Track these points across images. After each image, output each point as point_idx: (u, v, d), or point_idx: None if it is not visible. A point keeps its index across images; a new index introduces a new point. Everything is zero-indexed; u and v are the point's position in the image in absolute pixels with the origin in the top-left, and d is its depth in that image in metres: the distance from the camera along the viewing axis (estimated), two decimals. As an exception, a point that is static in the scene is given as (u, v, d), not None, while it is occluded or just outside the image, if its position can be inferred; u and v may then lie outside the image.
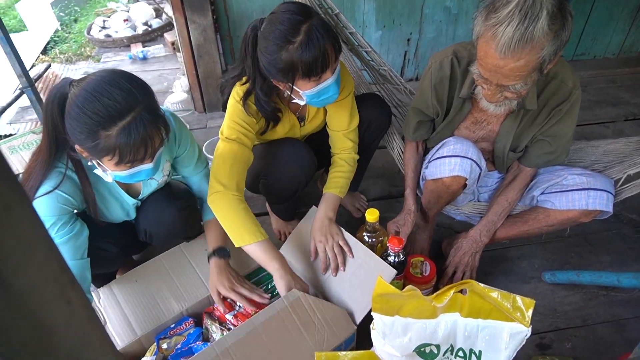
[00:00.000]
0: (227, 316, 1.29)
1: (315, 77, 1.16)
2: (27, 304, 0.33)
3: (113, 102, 0.95)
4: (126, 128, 0.96)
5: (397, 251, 1.32)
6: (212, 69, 2.41)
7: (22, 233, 0.33)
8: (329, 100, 1.27)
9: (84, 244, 1.16)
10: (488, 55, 1.06)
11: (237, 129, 1.28)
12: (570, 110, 1.28)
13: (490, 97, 1.17)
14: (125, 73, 1.02)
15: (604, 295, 1.52)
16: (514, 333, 0.90)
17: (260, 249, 1.24)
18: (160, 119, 1.05)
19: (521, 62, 1.03)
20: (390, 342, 0.96)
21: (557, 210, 1.32)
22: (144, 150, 1.02)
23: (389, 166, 2.07)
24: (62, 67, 3.33)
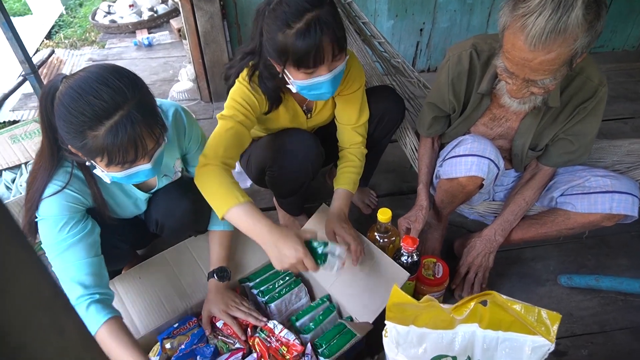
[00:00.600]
0: (217, 324, 1.26)
1: (305, 69, 1.10)
2: (9, 340, 0.28)
3: (99, 101, 0.88)
4: (113, 128, 0.90)
5: (410, 251, 1.28)
6: (219, 58, 2.34)
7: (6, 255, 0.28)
8: (321, 97, 1.19)
9: (97, 241, 1.12)
10: (516, 48, 0.99)
11: (236, 107, 1.22)
12: (596, 109, 1.21)
13: (515, 93, 1.10)
14: (116, 68, 0.95)
15: (622, 301, 1.47)
16: (536, 347, 0.85)
17: (240, 214, 1.04)
18: (154, 117, 0.97)
19: (552, 55, 0.96)
20: (404, 352, 0.92)
21: (578, 213, 1.26)
22: (134, 151, 0.94)
23: (400, 161, 2.01)
24: (67, 53, 3.27)
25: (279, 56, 1.09)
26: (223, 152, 1.14)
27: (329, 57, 1.08)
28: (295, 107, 1.37)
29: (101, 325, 1.01)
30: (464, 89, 1.30)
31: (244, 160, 1.53)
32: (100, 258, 1.11)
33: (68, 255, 1.05)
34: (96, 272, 1.08)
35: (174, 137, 1.20)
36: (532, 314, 0.82)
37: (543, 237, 1.38)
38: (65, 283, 1.05)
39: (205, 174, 1.11)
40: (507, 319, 0.86)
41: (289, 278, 1.37)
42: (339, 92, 1.36)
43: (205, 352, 1.21)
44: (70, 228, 1.05)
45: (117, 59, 3.00)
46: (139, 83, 0.96)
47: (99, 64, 0.95)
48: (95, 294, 1.05)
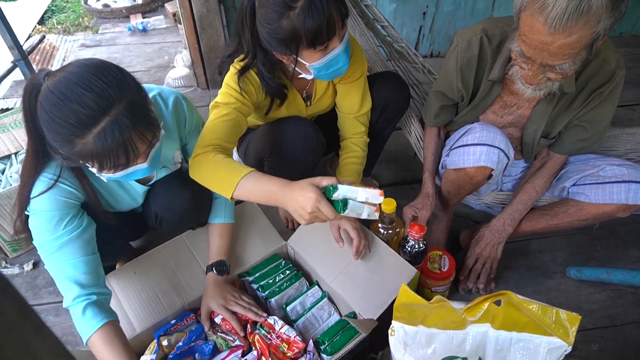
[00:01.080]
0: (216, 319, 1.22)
1: (321, 46, 1.04)
2: None
3: (83, 109, 0.81)
4: (101, 134, 0.83)
5: (417, 239, 1.23)
6: (215, 43, 2.27)
7: None
8: (339, 71, 1.15)
9: (93, 237, 1.07)
10: (534, 30, 0.93)
11: (230, 92, 1.16)
12: (612, 93, 1.15)
13: (531, 79, 1.04)
14: (100, 68, 0.86)
15: (632, 294, 1.42)
16: (552, 348, 0.81)
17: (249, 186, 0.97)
18: (146, 118, 0.90)
19: (573, 38, 0.90)
20: (412, 353, 0.87)
21: (591, 203, 1.21)
22: (125, 156, 0.88)
23: (403, 149, 1.96)
24: (60, 38, 3.18)
25: (289, 44, 1.03)
26: (215, 138, 1.07)
27: (339, 24, 1.04)
28: (296, 97, 1.31)
29: (95, 331, 0.97)
30: (473, 76, 1.24)
31: (241, 149, 1.48)
32: (96, 255, 1.06)
33: (64, 254, 1.00)
34: (93, 270, 1.03)
35: (174, 127, 1.14)
36: (549, 315, 0.78)
37: (554, 228, 1.33)
38: (60, 282, 1.01)
39: (198, 162, 1.05)
40: (522, 320, 0.82)
41: (289, 272, 1.33)
42: (340, 79, 1.30)
43: (204, 350, 1.17)
44: (66, 224, 1.00)
45: (110, 44, 2.92)
46: (126, 82, 0.87)
47: (82, 61, 0.87)
48: (93, 295, 1.01)
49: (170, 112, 1.11)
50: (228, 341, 1.18)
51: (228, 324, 1.19)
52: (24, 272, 1.51)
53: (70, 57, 2.84)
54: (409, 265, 1.17)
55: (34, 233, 1.00)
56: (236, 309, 1.19)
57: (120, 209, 1.23)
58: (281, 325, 1.16)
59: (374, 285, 1.21)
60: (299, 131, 1.30)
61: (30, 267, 1.52)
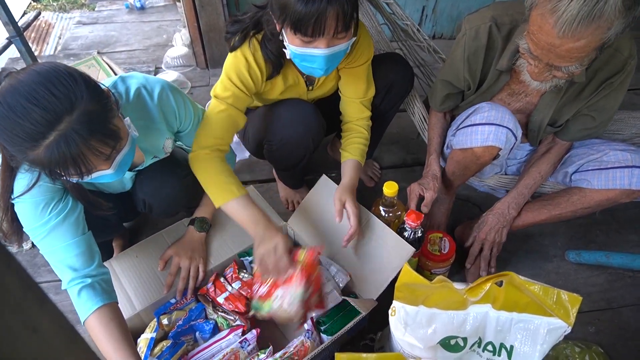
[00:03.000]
0: (218, 299, 1.21)
1: (302, 35, 1.00)
2: None
3: (30, 124, 0.77)
4: (49, 147, 0.78)
5: (414, 227, 1.22)
6: (215, 21, 2.23)
7: None
8: (312, 72, 1.11)
9: (81, 217, 1.05)
10: (543, 31, 0.91)
11: (229, 87, 1.15)
12: (623, 83, 1.13)
13: (537, 76, 1.03)
14: (51, 77, 0.79)
15: (630, 277, 1.43)
16: (552, 328, 0.81)
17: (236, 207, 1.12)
18: (102, 131, 0.83)
19: (581, 43, 0.88)
20: (412, 333, 0.88)
21: (594, 190, 1.20)
22: (75, 169, 0.82)
23: (404, 132, 1.94)
24: (55, 16, 3.12)
25: (279, 12, 1.00)
26: (215, 138, 1.16)
27: (330, 30, 0.98)
28: (297, 76, 1.28)
29: (91, 314, 0.97)
30: (480, 65, 1.21)
31: (240, 131, 1.46)
32: (88, 235, 1.04)
33: (53, 238, 0.98)
34: (85, 251, 1.02)
35: (161, 118, 1.10)
36: (550, 296, 0.78)
37: (557, 219, 1.30)
38: (54, 266, 1.00)
39: (196, 161, 1.16)
40: (523, 300, 0.82)
41: (289, 253, 1.33)
42: (346, 64, 1.27)
43: (204, 328, 1.17)
44: (52, 209, 0.98)
45: (107, 22, 2.86)
46: (78, 91, 0.80)
47: (33, 69, 0.81)
48: (87, 278, 1.00)
49: (155, 104, 1.06)
50: (229, 320, 1.19)
51: (230, 304, 1.20)
52: (22, 250, 1.51)
53: (66, 35, 2.79)
54: (408, 245, 1.17)
55: (22, 221, 0.98)
56: (182, 271, 1.23)
57: (110, 192, 1.22)
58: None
59: (372, 265, 1.22)
60: (299, 114, 1.28)
61: (29, 246, 1.52)
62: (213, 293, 1.23)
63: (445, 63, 1.34)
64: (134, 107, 1.02)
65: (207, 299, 1.24)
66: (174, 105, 1.11)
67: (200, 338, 1.18)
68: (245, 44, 1.15)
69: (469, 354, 0.89)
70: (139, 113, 1.04)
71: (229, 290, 1.22)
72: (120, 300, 1.16)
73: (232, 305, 1.19)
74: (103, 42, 2.64)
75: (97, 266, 1.04)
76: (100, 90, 0.85)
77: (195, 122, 1.19)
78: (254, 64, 1.15)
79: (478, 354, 0.89)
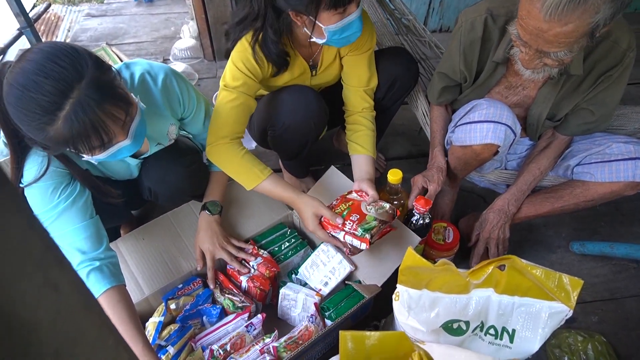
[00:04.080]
0: (241, 277, 1.23)
1: (341, 7, 1.05)
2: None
3: (44, 96, 0.80)
4: (67, 118, 0.81)
5: (422, 212, 1.23)
6: (222, 14, 2.24)
7: None
8: (351, 38, 1.15)
9: (89, 201, 1.07)
10: (530, 16, 0.92)
11: (237, 75, 1.18)
12: (622, 76, 1.13)
13: (528, 63, 1.03)
14: (55, 51, 0.83)
15: (634, 268, 1.44)
16: (553, 312, 0.83)
17: (270, 186, 1.20)
18: (112, 94, 0.87)
19: (569, 27, 0.89)
20: (416, 316, 0.89)
21: (598, 182, 1.19)
22: (97, 136, 0.85)
23: (409, 124, 1.95)
24: (64, 9, 3.15)
25: (309, 3, 1.03)
26: (230, 127, 1.19)
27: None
28: (303, 64, 1.30)
29: (99, 296, 0.99)
30: (476, 57, 1.22)
31: (246, 121, 1.48)
32: (96, 219, 1.07)
33: (62, 222, 1.00)
34: (93, 234, 1.04)
35: (165, 104, 1.12)
36: (552, 280, 0.79)
37: (559, 211, 1.30)
38: (64, 249, 1.02)
39: (217, 153, 1.20)
40: (525, 284, 0.83)
41: (294, 240, 1.35)
42: (349, 51, 1.29)
43: (211, 312, 1.19)
44: (60, 193, 1.00)
45: (116, 14, 2.88)
46: (82, 60, 0.84)
47: (36, 48, 0.84)
48: (95, 260, 1.02)
49: (159, 89, 1.09)
50: (235, 302, 1.20)
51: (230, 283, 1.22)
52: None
53: (75, 28, 2.81)
54: (413, 234, 1.18)
55: (32, 205, 1.00)
56: (223, 257, 1.22)
57: (115, 177, 1.24)
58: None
59: (378, 253, 1.23)
60: (301, 99, 1.30)
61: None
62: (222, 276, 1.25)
63: (443, 56, 1.34)
64: (139, 93, 1.04)
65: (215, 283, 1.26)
66: (178, 91, 1.13)
67: (207, 322, 1.20)
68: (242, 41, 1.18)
69: (471, 337, 0.91)
70: (144, 98, 1.05)
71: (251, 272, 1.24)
72: (128, 284, 1.19)
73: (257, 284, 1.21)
74: (112, 34, 2.66)
75: (105, 249, 1.06)
76: (102, 60, 0.89)
77: (197, 110, 1.21)
78: (259, 51, 1.17)
79: (480, 337, 0.90)
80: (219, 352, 1.05)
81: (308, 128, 1.33)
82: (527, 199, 1.34)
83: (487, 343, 0.90)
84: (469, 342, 0.91)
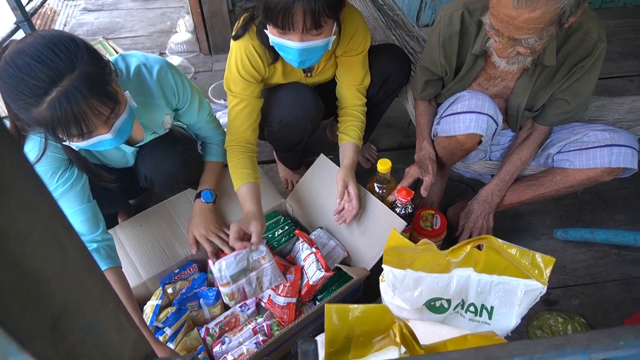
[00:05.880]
0: None
1: (273, 26, 1.06)
2: (11, 251, 0.29)
3: (34, 80, 0.83)
4: (51, 104, 0.85)
5: (404, 203, 1.28)
6: (217, 8, 2.27)
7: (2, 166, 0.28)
8: (290, 62, 1.16)
9: (86, 186, 1.12)
10: (501, 3, 0.96)
11: (240, 81, 1.24)
12: (594, 66, 1.18)
13: (501, 52, 1.08)
14: (54, 39, 0.87)
15: (615, 254, 1.49)
16: (528, 290, 0.87)
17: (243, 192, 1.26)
18: (101, 92, 0.90)
19: (536, 13, 0.93)
20: (400, 295, 0.94)
21: (576, 169, 1.25)
22: (76, 127, 0.89)
23: (401, 116, 1.99)
24: (61, 3, 3.17)
25: (257, 2, 1.07)
26: (237, 133, 1.30)
27: (299, 26, 1.03)
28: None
29: None
30: (455, 51, 1.26)
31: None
32: (93, 203, 1.12)
33: (60, 205, 1.04)
34: (90, 217, 1.09)
35: (160, 95, 1.16)
36: (526, 258, 0.84)
37: (541, 198, 1.36)
38: None
39: (228, 155, 1.32)
40: (502, 263, 0.88)
41: (288, 227, 1.39)
42: (343, 53, 1.32)
43: (208, 295, 1.24)
44: (58, 178, 1.05)
45: (112, 9, 2.91)
46: (79, 53, 0.88)
47: (37, 33, 0.88)
48: (93, 243, 1.07)
49: (155, 80, 1.13)
50: None
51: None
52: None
53: (72, 22, 2.84)
54: (400, 219, 1.23)
55: None
56: (214, 240, 1.25)
57: (112, 165, 1.29)
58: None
59: (366, 239, 1.28)
60: (298, 97, 1.34)
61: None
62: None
63: (423, 51, 1.38)
64: (134, 84, 1.09)
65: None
66: (172, 82, 1.17)
67: (204, 304, 1.24)
68: (246, 33, 1.21)
69: (452, 315, 0.95)
70: (139, 89, 1.10)
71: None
72: (126, 269, 1.23)
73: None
74: (108, 29, 2.69)
75: (102, 232, 1.10)
76: (99, 56, 0.93)
77: (191, 101, 1.25)
78: (254, 52, 1.21)
79: (461, 315, 0.95)
80: (215, 330, 1.10)
81: (304, 126, 1.38)
82: (511, 187, 1.39)
83: (468, 320, 0.95)
84: (451, 319, 0.96)
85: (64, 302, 0.36)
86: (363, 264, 1.27)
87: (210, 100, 2.09)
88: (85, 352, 0.38)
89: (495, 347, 0.51)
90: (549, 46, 1.13)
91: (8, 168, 0.29)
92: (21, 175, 0.31)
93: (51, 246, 0.35)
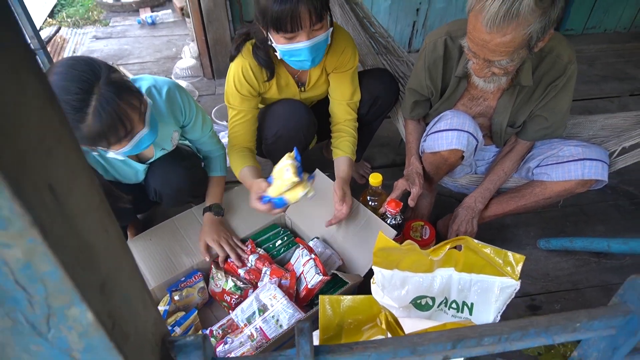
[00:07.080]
0: (239, 271, 1.37)
1: (283, 33, 1.16)
2: (75, 225, 0.39)
3: (71, 96, 0.96)
4: (96, 113, 0.98)
5: (394, 214, 1.38)
6: (221, 36, 2.42)
7: (70, 164, 0.38)
8: (302, 65, 1.27)
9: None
10: (476, 29, 1.09)
11: (237, 95, 1.37)
12: (566, 85, 1.30)
13: (478, 72, 1.20)
14: (71, 61, 1.00)
15: (595, 262, 1.58)
16: (504, 287, 0.97)
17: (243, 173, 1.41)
18: (126, 88, 1.04)
19: (507, 38, 1.06)
20: (389, 294, 1.03)
21: (553, 182, 1.35)
22: (123, 126, 1.03)
23: (394, 136, 2.11)
24: (70, 32, 3.33)
25: (261, 18, 1.18)
26: (237, 141, 1.45)
27: (306, 23, 1.15)
28: (288, 78, 1.46)
29: None
30: (440, 74, 1.39)
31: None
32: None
33: None
34: None
35: (169, 113, 1.28)
36: (500, 256, 0.93)
37: (523, 209, 1.46)
38: None
39: (230, 156, 1.47)
40: (480, 263, 0.97)
41: (287, 238, 1.49)
42: (334, 69, 1.45)
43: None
44: None
45: (121, 36, 3.07)
46: (96, 65, 1.01)
47: (59, 62, 1.01)
48: None
49: (164, 100, 1.25)
50: (237, 283, 1.33)
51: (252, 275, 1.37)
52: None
53: (81, 49, 2.99)
54: (391, 229, 1.33)
55: None
56: (224, 245, 1.37)
57: (124, 181, 1.40)
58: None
59: (360, 248, 1.37)
60: (291, 110, 1.46)
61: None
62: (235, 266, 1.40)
63: (411, 74, 1.52)
64: None
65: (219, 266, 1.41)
66: (180, 101, 1.30)
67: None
68: (239, 54, 1.35)
69: (437, 312, 1.04)
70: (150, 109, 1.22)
71: (248, 265, 1.39)
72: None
73: (253, 276, 1.36)
74: (117, 55, 2.84)
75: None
76: (112, 65, 1.07)
77: (196, 118, 1.37)
78: (249, 69, 1.34)
79: (445, 311, 1.04)
80: (218, 332, 1.18)
81: (298, 138, 1.49)
82: (495, 199, 1.50)
83: (451, 316, 1.03)
84: (436, 316, 1.05)
85: (107, 272, 0.45)
86: (357, 271, 1.36)
87: (214, 121, 2.22)
88: (122, 316, 0.48)
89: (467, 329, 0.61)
90: (524, 68, 1.25)
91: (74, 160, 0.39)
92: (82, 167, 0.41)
93: (100, 227, 0.45)
